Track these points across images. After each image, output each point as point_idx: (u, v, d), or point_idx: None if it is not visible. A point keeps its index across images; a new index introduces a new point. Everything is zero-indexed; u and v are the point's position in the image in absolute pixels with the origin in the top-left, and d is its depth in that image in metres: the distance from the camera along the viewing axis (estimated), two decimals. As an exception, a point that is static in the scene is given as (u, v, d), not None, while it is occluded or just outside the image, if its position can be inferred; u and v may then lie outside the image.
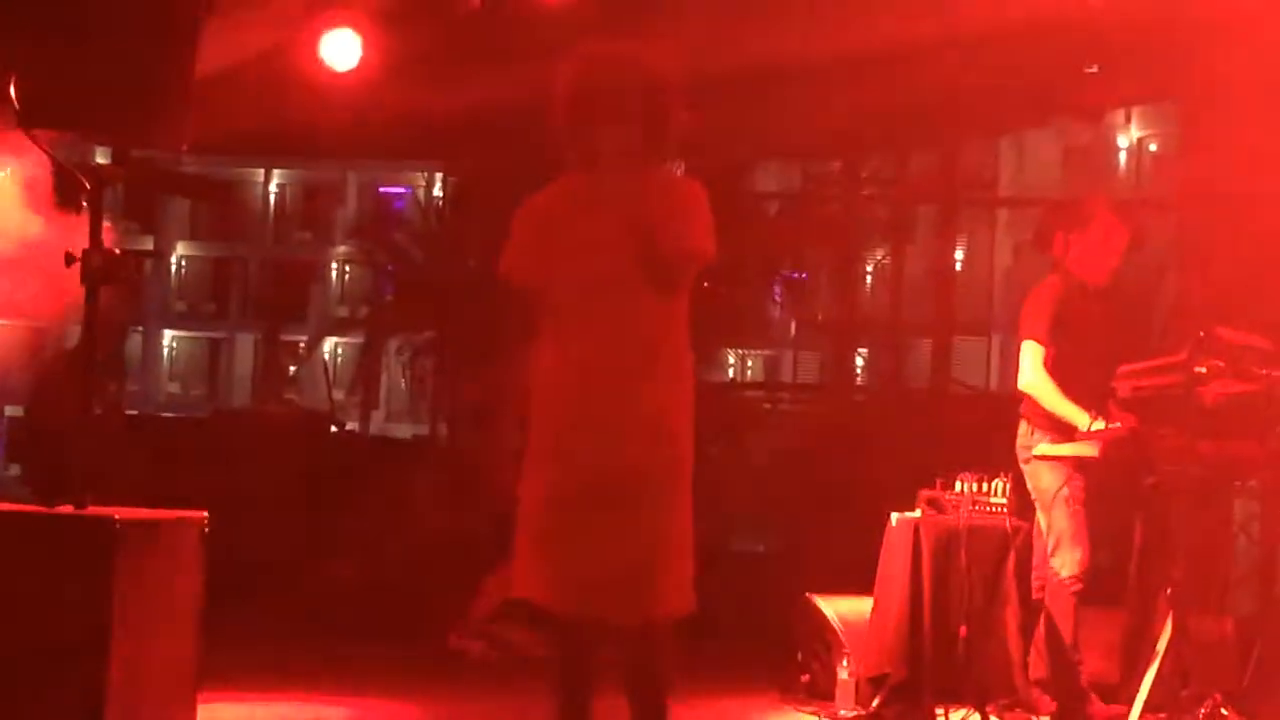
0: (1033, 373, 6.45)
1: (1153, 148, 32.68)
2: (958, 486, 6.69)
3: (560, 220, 4.57)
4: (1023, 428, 6.57)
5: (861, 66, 9.04)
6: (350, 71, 9.08)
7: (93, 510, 4.86)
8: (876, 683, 6.65)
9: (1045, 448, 6.37)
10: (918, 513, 6.73)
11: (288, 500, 11.14)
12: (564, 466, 4.44)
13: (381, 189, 42.10)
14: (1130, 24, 8.41)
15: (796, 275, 20.28)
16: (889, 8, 8.62)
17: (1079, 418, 6.24)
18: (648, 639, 4.45)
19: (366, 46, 8.98)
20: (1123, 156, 33.69)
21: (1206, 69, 8.68)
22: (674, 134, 4.57)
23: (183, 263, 44.94)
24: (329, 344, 36.87)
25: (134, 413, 21.25)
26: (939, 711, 6.40)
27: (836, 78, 9.46)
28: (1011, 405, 6.67)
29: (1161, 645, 5.84)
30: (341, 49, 8.96)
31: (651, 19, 7.70)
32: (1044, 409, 6.43)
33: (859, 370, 25.02)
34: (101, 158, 9.42)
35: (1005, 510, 6.58)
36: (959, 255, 22.00)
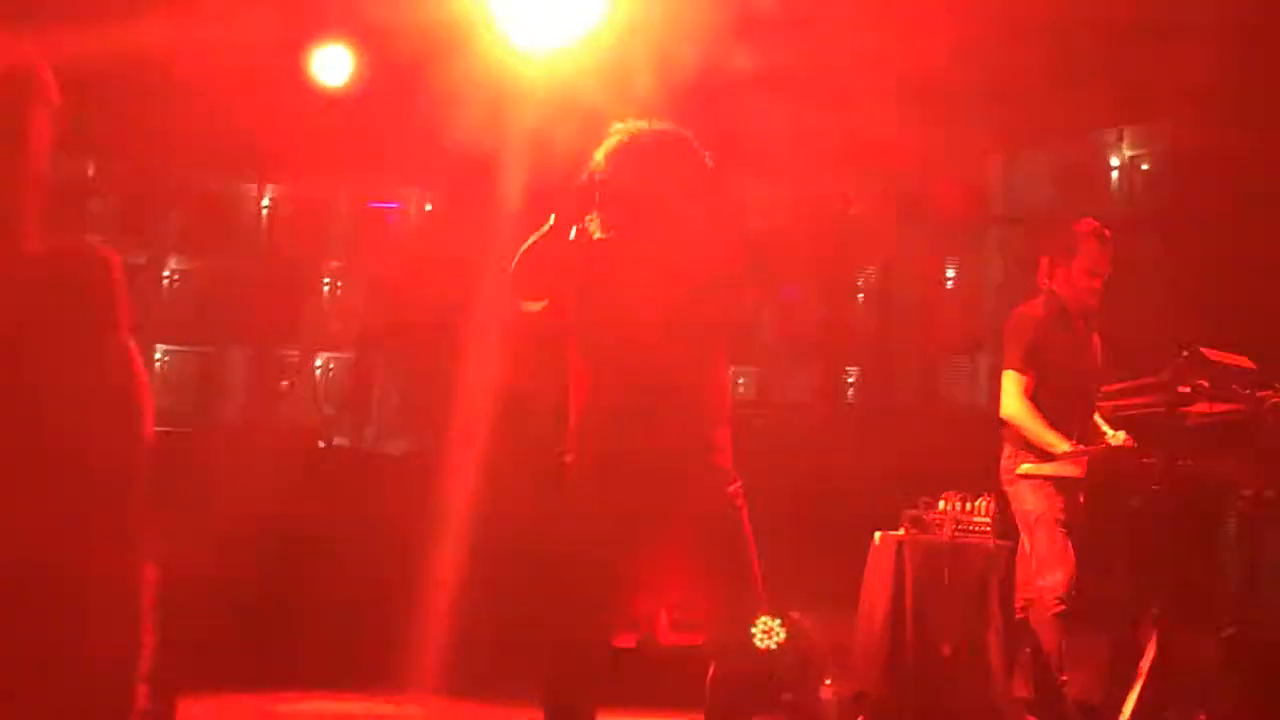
0: (1014, 401, 6.46)
1: (1144, 167, 32.72)
2: (941, 505, 6.68)
3: (599, 271, 4.46)
4: (1006, 449, 6.57)
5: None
6: (340, 89, 9.12)
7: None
8: (858, 701, 6.63)
9: (1029, 467, 6.37)
10: (901, 531, 6.72)
11: (276, 515, 11.11)
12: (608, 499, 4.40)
13: (371, 203, 42.02)
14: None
15: (788, 292, 20.31)
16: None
17: (1059, 445, 6.25)
18: None
19: (356, 63, 9.00)
20: (1114, 175, 33.71)
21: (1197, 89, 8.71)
22: (720, 209, 4.55)
23: (175, 276, 44.82)
24: (320, 359, 36.79)
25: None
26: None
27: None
28: (997, 424, 6.67)
29: (1145, 666, 5.83)
30: (332, 65, 8.99)
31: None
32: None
33: (849, 387, 25.03)
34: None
35: (989, 530, 6.58)
36: (950, 273, 22.01)
